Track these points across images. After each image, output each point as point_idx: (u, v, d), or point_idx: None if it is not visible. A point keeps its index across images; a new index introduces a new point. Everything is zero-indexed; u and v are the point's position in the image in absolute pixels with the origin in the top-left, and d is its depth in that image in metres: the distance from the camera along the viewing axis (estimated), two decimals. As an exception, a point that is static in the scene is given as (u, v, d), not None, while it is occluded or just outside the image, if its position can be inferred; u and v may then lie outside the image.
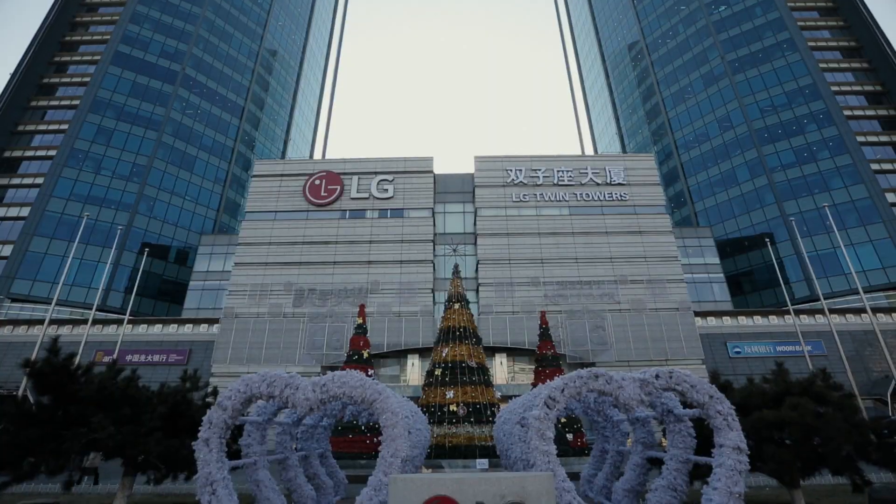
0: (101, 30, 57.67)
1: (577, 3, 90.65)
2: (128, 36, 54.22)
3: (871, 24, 53.74)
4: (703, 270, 43.26)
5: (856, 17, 55.48)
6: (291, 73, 72.98)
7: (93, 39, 56.91)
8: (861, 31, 54.96)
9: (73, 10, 58.60)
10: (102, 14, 59.02)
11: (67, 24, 57.78)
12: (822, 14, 57.93)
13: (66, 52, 56.28)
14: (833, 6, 58.17)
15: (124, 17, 55.25)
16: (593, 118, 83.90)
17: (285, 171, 43.15)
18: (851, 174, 45.08)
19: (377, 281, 38.56)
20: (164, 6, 57.54)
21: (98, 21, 58.64)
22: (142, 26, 55.38)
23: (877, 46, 52.87)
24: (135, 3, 56.25)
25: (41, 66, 54.05)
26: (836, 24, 56.95)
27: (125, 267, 44.21)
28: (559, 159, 43.31)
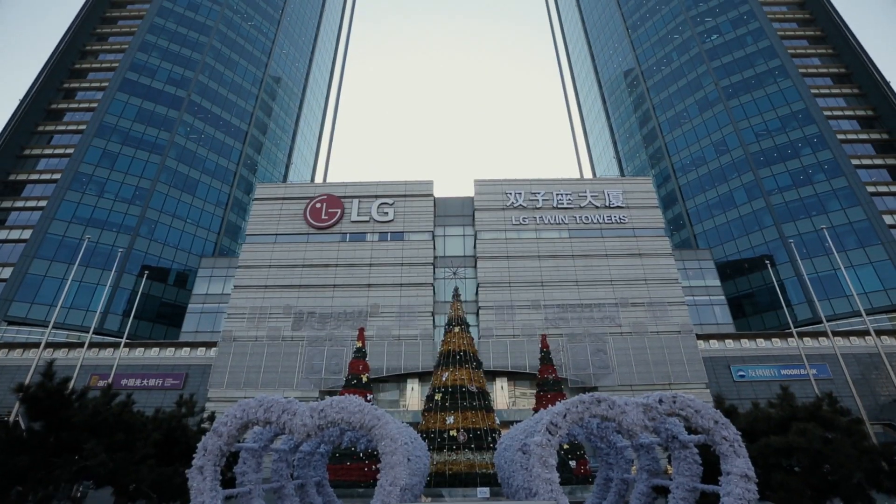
0: (109, 58, 59.20)
1: (573, 31, 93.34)
2: (136, 63, 55.62)
3: (859, 51, 55.19)
4: (704, 293, 43.11)
5: (844, 45, 57.02)
6: (294, 98, 74.53)
7: (101, 67, 58.35)
8: (849, 58, 56.41)
9: (83, 39, 60.29)
10: (112, 43, 60.69)
11: (78, 52, 59.34)
12: (811, 42, 59.57)
13: (76, 78, 57.62)
14: (822, 35, 59.87)
15: (133, 46, 56.81)
16: (591, 142, 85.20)
17: (286, 195, 43.51)
18: (848, 196, 45.47)
19: (377, 304, 38.37)
20: (172, 35, 59.24)
21: (107, 49, 60.25)
22: (150, 54, 56.89)
23: (866, 73, 54.16)
24: (144, 33, 57.93)
25: (50, 91, 55.25)
26: (826, 51, 58.50)
27: (124, 289, 44.08)
28: (558, 182, 43.75)
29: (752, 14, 58.90)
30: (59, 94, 56.10)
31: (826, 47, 58.79)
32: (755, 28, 57.83)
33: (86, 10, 60.70)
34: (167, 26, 59.71)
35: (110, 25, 62.65)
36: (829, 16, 58.91)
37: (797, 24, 61.17)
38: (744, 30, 58.50)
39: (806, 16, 61.70)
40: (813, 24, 61.10)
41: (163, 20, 59.94)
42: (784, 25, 60.52)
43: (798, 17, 61.74)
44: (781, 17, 61.29)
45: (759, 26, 57.61)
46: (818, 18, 60.73)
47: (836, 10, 58.92)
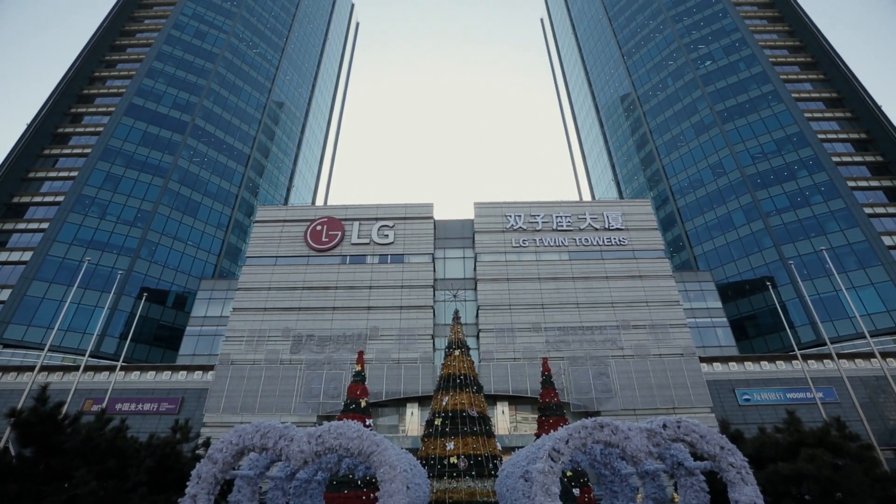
0: (117, 83, 60.54)
1: (570, 57, 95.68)
2: (143, 89, 56.84)
3: (849, 77, 56.43)
4: (706, 315, 42.84)
5: (835, 71, 58.35)
6: (297, 122, 75.83)
7: (109, 92, 59.59)
8: (840, 83, 57.64)
9: (93, 66, 61.76)
10: (120, 70, 62.15)
11: (86, 79, 60.71)
12: (802, 68, 60.99)
13: (83, 104, 58.77)
14: (812, 61, 61.34)
15: (140, 72, 58.17)
16: (590, 165, 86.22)
17: (287, 217, 43.75)
18: (846, 218, 45.72)
19: (376, 327, 38.08)
20: (179, 62, 60.73)
21: (115, 76, 61.67)
22: (157, 80, 58.21)
23: (857, 97, 55.24)
24: (152, 59, 59.41)
25: (58, 116, 56.25)
26: (817, 77, 59.85)
27: (122, 312, 43.83)
28: (558, 205, 44.05)
29: (743, 41, 60.50)
30: (65, 119, 57.11)
31: (817, 73, 60.18)
32: (747, 55, 59.32)
33: (96, 38, 62.38)
34: (174, 53, 61.27)
35: (119, 53, 64.29)
36: (819, 43, 60.48)
37: (788, 51, 62.74)
38: (736, 56, 59.99)
39: (796, 43, 63.36)
40: (803, 50, 62.68)
41: (170, 48, 61.55)
42: (775, 52, 62.06)
43: (788, 44, 63.40)
44: (772, 45, 62.90)
45: (751, 53, 59.10)
46: (808, 45, 62.34)
47: (826, 38, 60.52)
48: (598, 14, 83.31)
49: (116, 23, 65.95)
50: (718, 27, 63.46)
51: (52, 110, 55.15)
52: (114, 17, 65.49)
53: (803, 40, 63.08)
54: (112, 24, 65.01)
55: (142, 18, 68.96)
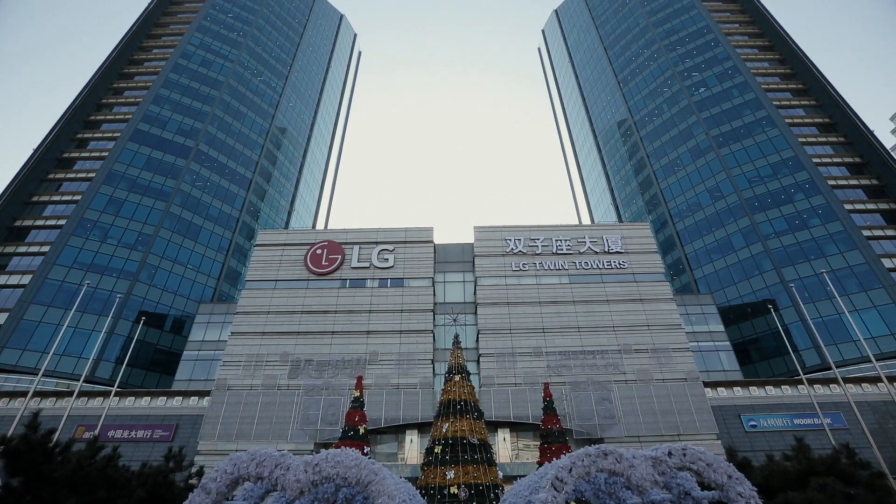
0: (123, 110, 61.75)
1: (567, 84, 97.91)
2: (148, 115, 57.96)
3: (841, 103, 57.59)
4: (709, 339, 42.44)
5: (826, 97, 59.61)
6: (299, 148, 76.97)
7: (115, 118, 60.71)
8: (832, 109, 58.78)
9: (101, 93, 63.13)
10: (127, 97, 63.50)
11: (94, 106, 61.94)
12: (794, 94, 62.33)
13: (89, 129, 59.76)
14: (804, 88, 62.75)
15: (147, 99, 59.43)
16: (588, 189, 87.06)
17: (288, 241, 43.87)
18: (845, 240, 45.84)
19: (376, 351, 37.65)
20: (185, 90, 62.13)
21: (122, 102, 62.95)
22: (162, 107, 59.42)
23: (850, 122, 56.22)
24: (158, 87, 60.79)
25: (64, 142, 57.07)
26: (809, 103, 61.10)
27: (119, 336, 43.41)
28: (557, 229, 44.23)
29: (735, 69, 62.07)
30: (71, 144, 57.94)
31: (809, 99, 61.47)
32: (740, 82, 60.74)
33: (104, 67, 63.97)
34: (181, 81, 62.75)
35: (127, 81, 65.82)
36: (809, 71, 62.02)
37: (779, 79, 64.26)
38: (729, 83, 61.42)
39: (787, 70, 64.95)
40: (794, 77, 64.21)
41: (177, 75, 63.08)
42: (767, 79, 63.55)
43: (780, 71, 64.99)
44: (764, 72, 64.47)
45: (744, 80, 60.53)
46: (799, 73, 63.89)
47: (816, 66, 62.09)
48: (594, 44, 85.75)
49: (125, 52, 67.76)
50: (711, 56, 65.22)
51: (58, 136, 56.03)
52: (122, 47, 67.34)
53: (794, 68, 64.70)
54: (120, 54, 66.78)
55: (150, 48, 70.92)
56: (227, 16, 75.13)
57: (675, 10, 73.89)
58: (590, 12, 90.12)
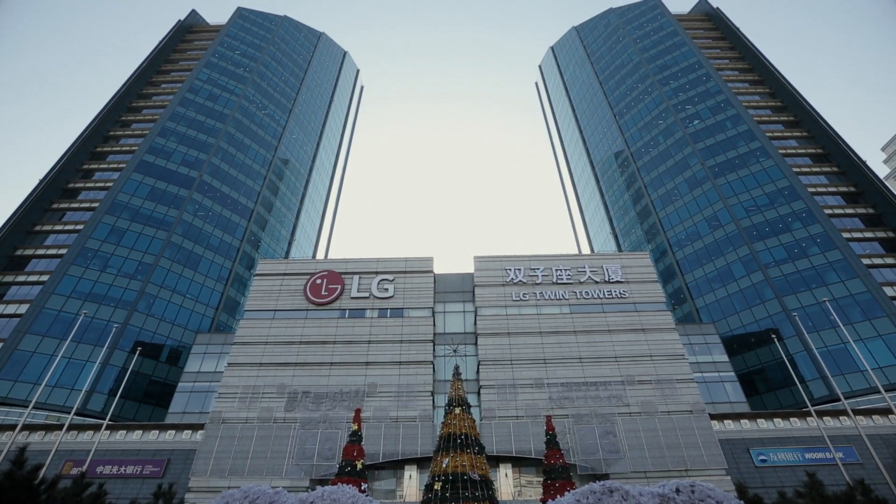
0: (130, 142, 63.01)
1: (564, 116, 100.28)
2: (154, 147, 59.08)
3: (832, 134, 58.79)
4: (713, 369, 41.72)
5: (817, 129, 60.91)
6: (301, 178, 78.05)
7: (122, 150, 61.85)
8: (824, 140, 59.96)
9: (109, 126, 64.60)
10: (134, 129, 64.95)
11: (101, 137, 63.22)
12: (786, 126, 63.74)
13: (95, 160, 60.77)
14: (795, 120, 64.23)
15: (154, 131, 60.75)
16: (588, 218, 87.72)
17: (287, 271, 43.82)
18: (845, 269, 45.78)
19: (374, 383, 36.95)
20: (191, 122, 63.61)
21: (129, 135, 64.32)
22: (168, 139, 60.66)
23: (842, 153, 57.19)
24: (165, 120, 62.25)
25: (70, 172, 57.89)
26: (801, 134, 62.39)
27: (113, 367, 42.71)
28: (557, 258, 44.25)
29: (728, 102, 63.73)
30: (77, 175, 58.77)
31: (801, 130, 62.81)
32: (732, 114, 62.25)
33: (114, 101, 65.70)
34: (187, 114, 64.34)
35: (135, 114, 67.50)
36: (800, 104, 63.64)
37: (771, 111, 65.90)
38: (722, 115, 62.93)
39: (778, 103, 66.68)
40: (785, 110, 65.84)
41: (184, 109, 64.73)
42: (759, 112, 65.17)
43: (771, 104, 66.72)
44: (755, 105, 66.19)
45: (736, 112, 62.04)
46: (790, 106, 65.56)
47: (806, 99, 63.75)
48: (590, 78, 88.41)
49: (134, 87, 69.80)
50: (703, 89, 67.12)
51: (64, 167, 56.86)
52: (132, 82, 69.43)
53: (784, 101, 66.45)
54: (130, 89, 68.76)
55: (159, 83, 73.12)
56: (234, 52, 77.84)
57: (667, 47, 76.60)
58: (585, 49, 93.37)
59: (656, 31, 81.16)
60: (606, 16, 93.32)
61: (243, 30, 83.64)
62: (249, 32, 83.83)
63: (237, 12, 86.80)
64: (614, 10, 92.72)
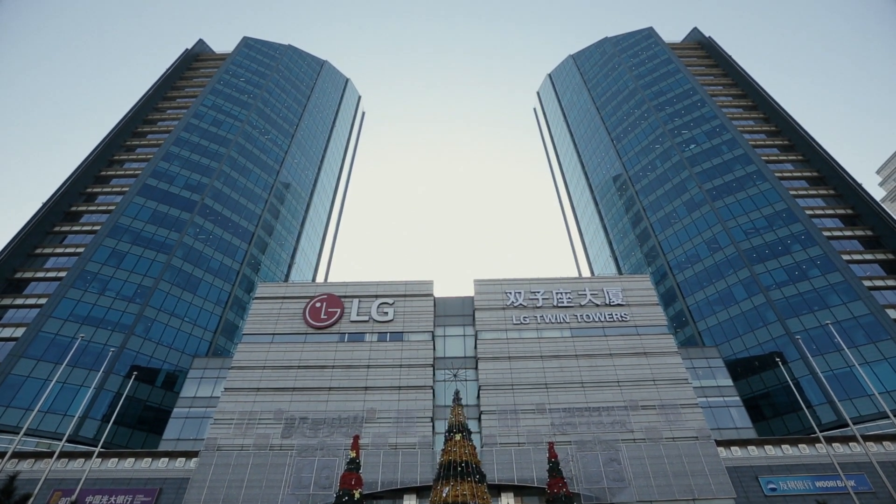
0: (134, 166, 63.74)
1: (562, 141, 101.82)
2: (158, 171, 59.75)
3: (827, 157, 59.45)
4: (718, 394, 41.01)
5: (812, 153, 61.69)
6: (302, 202, 78.64)
7: (125, 174, 62.50)
8: (819, 163, 60.61)
9: (113, 150, 65.47)
10: (139, 154, 65.82)
11: (105, 162, 63.98)
12: (781, 150, 64.59)
13: (99, 184, 61.32)
14: (790, 144, 65.14)
15: (157, 156, 61.55)
16: (587, 241, 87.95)
17: (287, 294, 43.65)
18: (846, 291, 45.56)
19: (373, 409, 36.29)
20: (195, 147, 64.54)
21: (134, 159, 65.11)
22: (172, 163, 61.42)
23: (838, 176, 57.72)
24: (169, 144, 63.18)
25: (73, 196, 58.31)
26: (796, 158, 63.16)
27: (108, 391, 42.00)
28: (557, 281, 44.15)
29: (723, 127, 64.80)
30: (80, 198, 59.18)
31: (796, 154, 63.61)
32: (728, 139, 63.20)
33: (119, 126, 66.80)
34: (191, 139, 65.36)
35: (140, 139, 68.56)
36: (794, 129, 64.68)
37: (765, 136, 66.91)
38: (718, 140, 63.87)
39: (772, 128, 67.79)
40: (780, 134, 66.86)
41: (188, 134, 65.80)
42: (754, 136, 66.17)
43: (765, 129, 67.81)
44: (750, 130, 67.27)
45: (732, 137, 63.01)
46: (784, 130, 66.61)
47: (799, 124, 64.82)
48: (587, 104, 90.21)
49: (140, 113, 71.13)
50: (698, 115, 68.36)
51: (68, 190, 57.32)
52: (138, 108, 70.78)
53: (778, 126, 67.56)
54: (136, 115, 70.06)
55: (165, 109, 74.58)
56: (239, 80, 79.69)
57: (662, 74, 78.46)
58: (581, 76, 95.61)
59: (651, 59, 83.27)
60: (602, 45, 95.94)
61: (248, 58, 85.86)
62: (254, 60, 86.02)
63: (243, 41, 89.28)
64: (609, 39, 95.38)
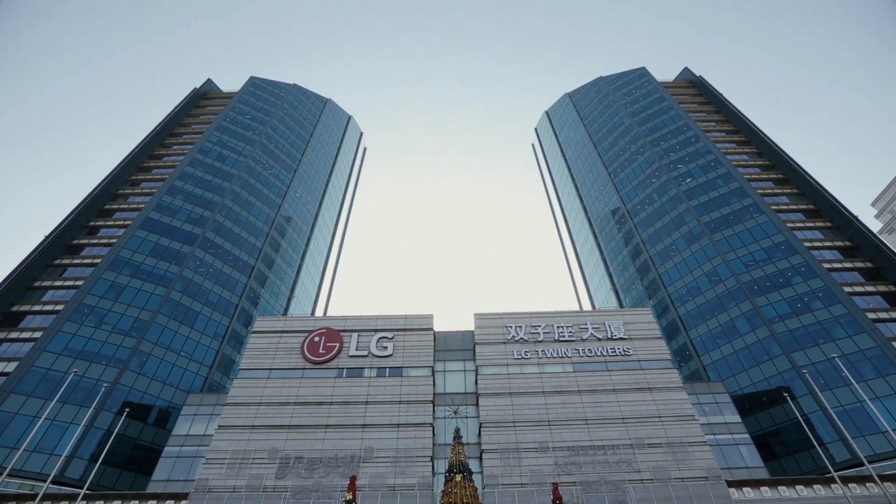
0: (138, 200, 64.44)
1: (560, 176, 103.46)
2: (161, 205, 60.39)
3: (821, 190, 60.18)
4: (726, 430, 39.79)
5: (807, 186, 62.50)
6: (302, 236, 79.07)
7: (129, 207, 63.11)
8: (814, 196, 61.29)
9: (118, 184, 66.41)
10: (143, 188, 66.72)
11: (110, 196, 64.75)
12: (776, 184, 65.47)
13: (102, 217, 61.79)
14: (784, 177, 66.11)
15: (161, 190, 62.38)
16: (587, 274, 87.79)
17: (285, 328, 43.18)
18: (851, 323, 45.01)
19: (371, 447, 35.14)
20: (198, 181, 65.51)
21: (138, 193, 65.93)
22: (175, 197, 62.16)
23: (834, 209, 58.18)
24: (174, 179, 64.15)
25: (76, 229, 58.63)
26: (791, 191, 63.92)
27: (98, 429, 40.73)
28: (558, 315, 43.77)
29: (717, 161, 66.00)
30: (83, 231, 59.49)
31: (791, 188, 64.43)
32: (723, 172, 64.23)
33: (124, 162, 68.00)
34: (195, 174, 66.44)
35: (145, 174, 69.68)
36: (787, 163, 65.84)
37: (760, 169, 68.02)
38: (713, 174, 64.88)
39: (766, 162, 69.02)
40: (774, 168, 67.99)
41: (192, 168, 66.97)
42: (749, 170, 67.23)
43: (759, 163, 69.03)
44: (744, 164, 68.46)
45: (727, 171, 64.05)
46: (777, 164, 67.79)
47: (793, 159, 66.03)
48: (584, 140, 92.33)
49: (147, 149, 72.63)
50: (693, 150, 69.79)
51: (71, 224, 57.69)
52: (145, 144, 72.31)
53: (772, 160, 68.82)
54: (143, 150, 71.50)
55: (171, 144, 76.26)
56: (244, 117, 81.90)
57: (656, 111, 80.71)
58: (578, 113, 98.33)
59: (644, 97, 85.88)
60: (597, 83, 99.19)
61: (254, 96, 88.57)
62: (260, 99, 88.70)
63: (249, 81, 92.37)
64: (604, 78, 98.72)
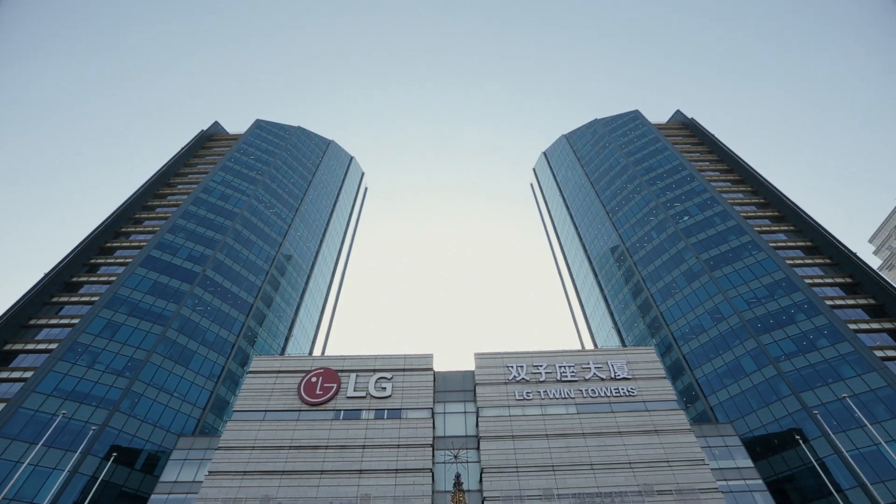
0: (140, 238, 64.81)
1: (559, 215, 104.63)
2: (163, 243, 60.67)
3: (818, 227, 60.58)
4: (738, 476, 38.11)
5: (803, 223, 63.00)
6: (302, 274, 78.99)
7: (131, 245, 63.38)
8: (811, 233, 61.61)
9: (121, 223, 67.01)
10: (146, 226, 67.28)
11: (112, 234, 65.18)
12: (773, 221, 66.03)
13: (103, 255, 61.89)
14: (780, 215, 66.78)
15: (164, 228, 62.87)
16: (588, 312, 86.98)
17: (282, 368, 42.32)
18: (859, 362, 44.07)
19: (368, 494, 33.57)
20: (201, 220, 66.16)
21: (140, 231, 66.40)
22: (177, 235, 62.55)
23: (833, 245, 58.33)
24: (177, 217, 64.82)
25: (76, 266, 58.54)
26: (788, 228, 64.39)
27: (83, 475, 39.00)
28: (560, 355, 43.01)
29: (714, 200, 66.91)
30: (83, 269, 59.39)
31: (787, 225, 64.95)
32: (720, 210, 64.96)
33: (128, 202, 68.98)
34: (198, 213, 67.21)
35: (149, 212, 70.51)
36: (782, 201, 66.74)
37: (756, 207, 68.82)
38: (710, 212, 65.60)
39: (761, 200, 69.95)
40: (769, 206, 68.79)
41: (195, 207, 67.81)
42: (745, 208, 68.01)
43: (754, 201, 69.96)
44: (740, 202, 69.35)
45: (723, 209, 64.80)
46: (773, 202, 68.67)
47: (788, 197, 66.97)
48: (581, 179, 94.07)
49: (152, 188, 73.86)
50: (689, 188, 70.94)
51: (71, 262, 57.65)
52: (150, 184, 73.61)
53: (767, 198, 69.78)
54: (148, 189, 72.70)
55: (176, 184, 77.63)
56: (249, 158, 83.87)
57: (651, 152, 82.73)
58: (575, 153, 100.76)
59: (639, 139, 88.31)
60: (593, 125, 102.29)
61: (259, 138, 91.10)
62: (265, 140, 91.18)
63: (255, 123, 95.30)
64: (599, 120, 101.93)
